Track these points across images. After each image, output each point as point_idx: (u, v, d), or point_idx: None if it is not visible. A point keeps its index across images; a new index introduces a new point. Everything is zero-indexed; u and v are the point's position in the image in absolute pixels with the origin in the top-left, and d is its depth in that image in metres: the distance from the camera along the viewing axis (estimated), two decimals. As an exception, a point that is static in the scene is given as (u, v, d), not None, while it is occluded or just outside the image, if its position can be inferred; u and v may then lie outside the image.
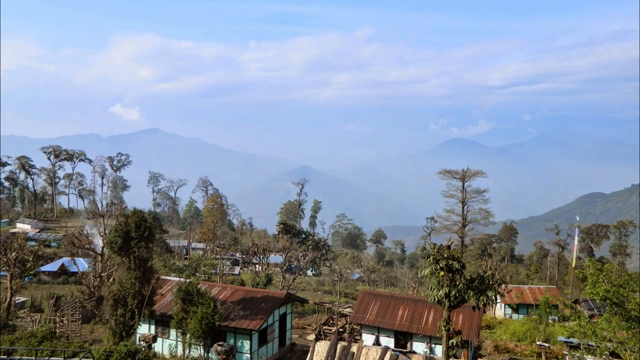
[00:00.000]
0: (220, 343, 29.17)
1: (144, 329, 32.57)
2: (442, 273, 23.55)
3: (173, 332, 31.60)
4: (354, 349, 27.53)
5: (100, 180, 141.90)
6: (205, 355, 29.80)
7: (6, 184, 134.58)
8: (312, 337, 39.62)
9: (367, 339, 35.24)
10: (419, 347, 33.81)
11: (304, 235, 72.90)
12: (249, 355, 30.11)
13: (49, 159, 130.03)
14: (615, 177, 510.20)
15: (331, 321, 42.61)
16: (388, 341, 34.54)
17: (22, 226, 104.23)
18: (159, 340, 32.20)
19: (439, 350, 32.59)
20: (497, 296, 47.11)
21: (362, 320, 35.61)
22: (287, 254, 61.51)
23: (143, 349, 26.92)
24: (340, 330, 40.12)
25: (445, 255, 23.42)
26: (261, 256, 67.64)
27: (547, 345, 40.17)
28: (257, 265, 72.86)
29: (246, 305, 31.86)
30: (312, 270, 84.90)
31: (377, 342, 34.65)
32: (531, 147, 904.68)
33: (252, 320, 30.31)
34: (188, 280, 32.55)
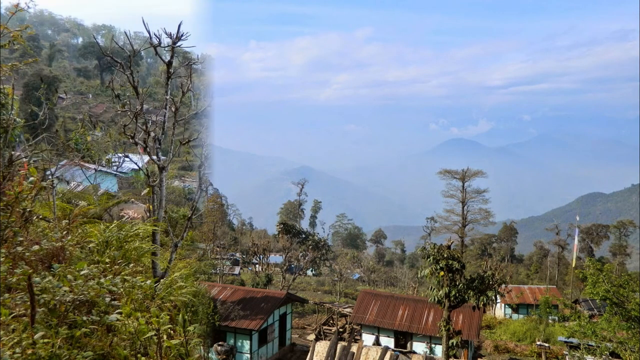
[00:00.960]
0: (220, 343, 29.17)
1: (144, 329, 32.55)
2: (442, 273, 23.57)
3: (173, 332, 31.58)
4: (354, 349, 27.53)
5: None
6: (205, 355, 29.79)
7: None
8: (312, 337, 39.61)
9: (367, 339, 35.24)
10: (419, 347, 33.82)
11: (304, 235, 72.70)
12: (249, 355, 30.12)
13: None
14: (615, 177, 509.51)
15: (331, 321, 42.60)
16: (388, 341, 34.54)
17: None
18: (159, 340, 32.18)
19: (439, 350, 32.58)
20: (497, 296, 47.04)
21: (362, 320, 35.61)
22: (287, 254, 61.50)
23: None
24: (340, 330, 40.10)
25: (445, 255, 23.43)
26: (261, 256, 67.66)
27: (547, 345, 40.18)
28: (257, 265, 72.85)
29: (246, 305, 31.85)
30: (312, 270, 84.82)
31: (377, 342, 34.66)
32: (531, 147, 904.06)
33: (252, 320, 30.30)
34: (188, 280, 32.53)
